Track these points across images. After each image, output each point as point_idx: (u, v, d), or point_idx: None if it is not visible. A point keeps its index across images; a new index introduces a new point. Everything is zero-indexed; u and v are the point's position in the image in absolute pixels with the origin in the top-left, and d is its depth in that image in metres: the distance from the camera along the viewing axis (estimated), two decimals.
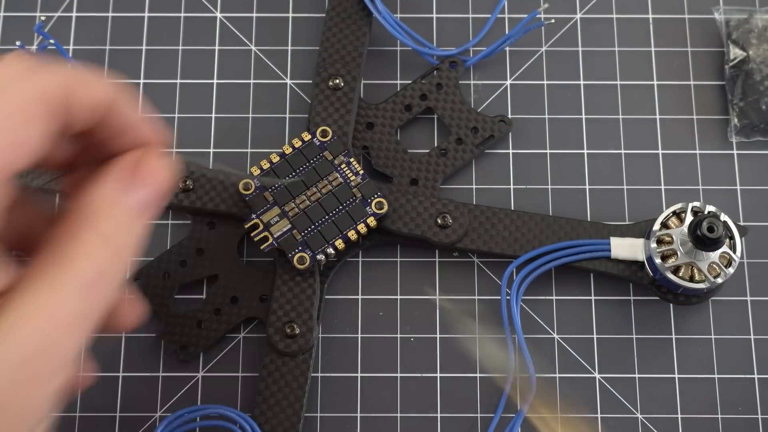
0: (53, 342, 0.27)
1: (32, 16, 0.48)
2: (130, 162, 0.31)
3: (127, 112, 0.32)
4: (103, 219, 0.30)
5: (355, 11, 0.46)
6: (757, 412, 0.42)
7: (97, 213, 0.30)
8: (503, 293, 0.42)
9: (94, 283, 0.28)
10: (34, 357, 0.27)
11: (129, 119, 0.32)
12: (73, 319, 0.28)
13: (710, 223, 0.39)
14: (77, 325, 0.28)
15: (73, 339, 0.28)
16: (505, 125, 0.46)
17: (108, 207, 0.30)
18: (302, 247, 0.41)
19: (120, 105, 0.31)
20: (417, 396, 0.42)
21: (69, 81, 0.29)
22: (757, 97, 0.46)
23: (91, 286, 0.28)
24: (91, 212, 0.30)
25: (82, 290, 0.28)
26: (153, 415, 0.42)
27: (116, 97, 0.31)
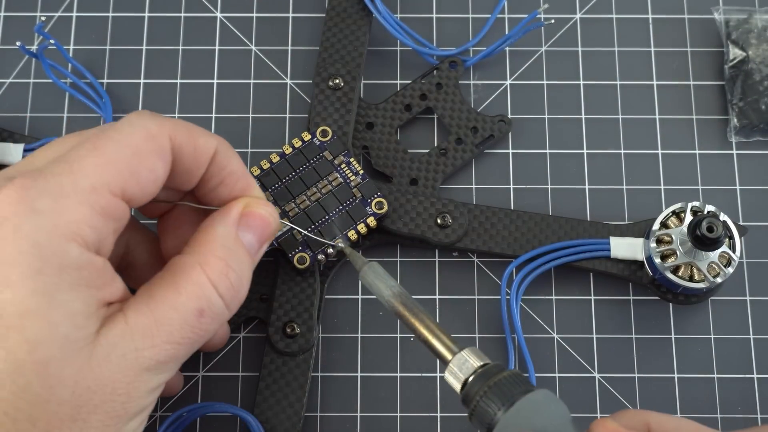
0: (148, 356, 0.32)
1: (32, 16, 0.48)
2: (238, 207, 0.35)
3: (230, 162, 0.36)
4: (215, 259, 0.33)
5: (355, 11, 0.46)
6: (756, 411, 0.42)
7: (209, 247, 0.34)
8: (503, 293, 0.42)
9: (198, 314, 0.33)
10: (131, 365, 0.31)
11: (232, 169, 0.36)
12: (171, 342, 0.32)
13: (709, 223, 0.39)
14: (175, 347, 0.32)
15: (169, 357, 0.32)
16: (505, 125, 0.46)
17: (226, 242, 0.34)
18: (302, 247, 0.41)
19: (223, 155, 0.35)
20: (417, 396, 0.43)
21: (176, 127, 0.34)
22: (756, 97, 0.46)
23: (195, 317, 0.33)
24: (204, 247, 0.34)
25: (184, 319, 0.32)
26: (153, 414, 0.42)
27: (220, 143, 0.35)
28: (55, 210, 0.30)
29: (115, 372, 0.31)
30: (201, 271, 0.33)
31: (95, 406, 0.30)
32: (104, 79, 0.47)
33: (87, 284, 0.30)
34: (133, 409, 0.32)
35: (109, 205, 0.31)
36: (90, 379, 0.30)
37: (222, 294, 0.33)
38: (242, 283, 0.34)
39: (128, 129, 0.33)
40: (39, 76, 0.47)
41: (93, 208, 0.31)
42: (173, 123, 0.34)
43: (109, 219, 0.31)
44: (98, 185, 0.31)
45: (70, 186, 0.31)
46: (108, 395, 0.31)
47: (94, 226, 0.31)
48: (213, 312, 0.33)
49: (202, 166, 0.35)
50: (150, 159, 0.33)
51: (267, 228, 0.36)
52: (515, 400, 0.31)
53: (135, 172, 0.32)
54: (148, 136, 0.33)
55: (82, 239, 0.30)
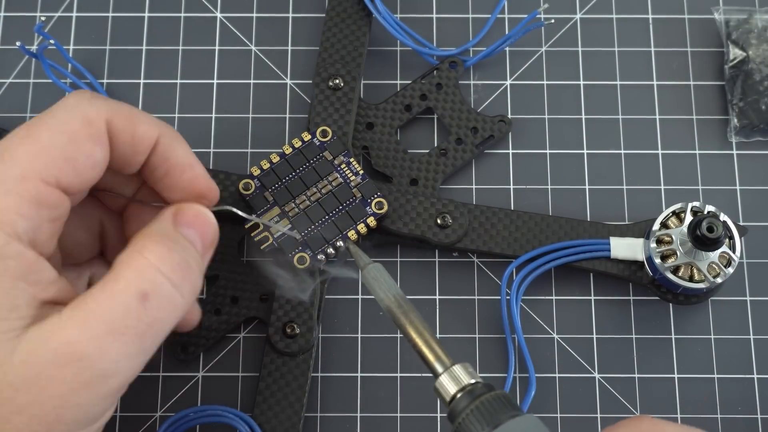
0: (95, 348, 0.29)
1: (32, 16, 0.48)
2: (172, 207, 0.34)
3: (174, 152, 0.34)
4: (153, 243, 0.32)
5: (355, 11, 0.46)
6: (756, 411, 0.42)
7: (149, 239, 0.32)
8: (503, 293, 0.42)
9: (140, 298, 0.30)
10: (73, 359, 0.28)
11: (176, 160, 0.34)
12: (112, 332, 0.29)
13: (710, 223, 0.39)
14: (119, 338, 0.29)
15: (120, 347, 0.29)
16: (505, 125, 0.46)
17: (157, 232, 0.32)
18: (302, 247, 0.41)
19: (166, 145, 0.34)
20: (417, 396, 0.43)
21: (112, 111, 0.32)
22: (756, 97, 0.46)
23: (136, 302, 0.30)
24: (143, 238, 0.32)
25: (124, 305, 0.30)
26: (153, 414, 0.42)
27: (162, 133, 0.34)
28: None
29: (44, 370, 0.28)
30: (140, 256, 0.31)
31: (20, 406, 0.28)
32: (104, 79, 0.47)
33: (13, 275, 0.29)
34: (72, 416, 0.29)
35: (40, 193, 0.30)
36: (12, 375, 0.28)
37: (167, 274, 0.31)
38: (190, 267, 0.32)
39: (63, 114, 0.31)
40: (39, 76, 0.47)
41: (22, 197, 0.30)
42: (112, 106, 0.33)
43: (42, 207, 0.30)
44: (29, 173, 0.30)
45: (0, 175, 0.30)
46: (35, 396, 0.28)
47: (24, 214, 0.30)
48: (159, 294, 0.31)
49: (141, 154, 0.34)
50: (86, 145, 0.31)
51: (205, 225, 0.34)
52: (499, 423, 0.31)
53: (70, 159, 0.31)
54: (84, 121, 0.31)
55: (10, 228, 0.29)
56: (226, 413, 0.40)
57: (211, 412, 0.40)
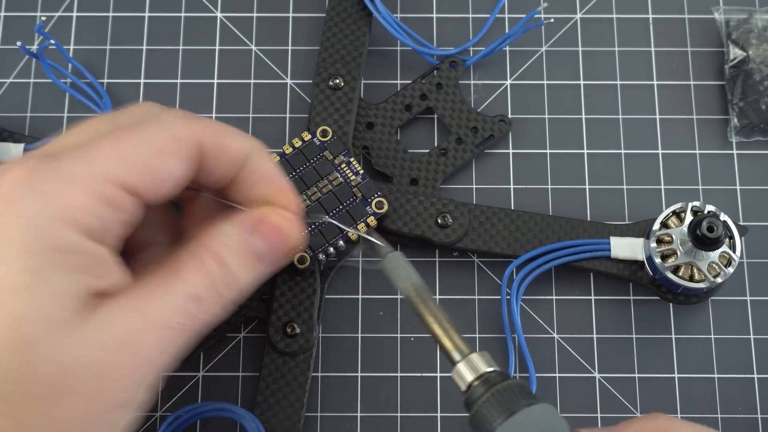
0: (139, 340, 0.30)
1: (32, 16, 0.48)
2: (257, 213, 0.35)
3: (262, 166, 0.35)
4: (221, 248, 0.33)
5: (355, 11, 0.46)
6: (756, 411, 0.42)
7: (217, 242, 0.33)
8: (503, 293, 0.42)
9: (195, 300, 0.32)
10: (126, 345, 0.30)
11: (264, 173, 0.35)
12: (164, 325, 0.31)
13: (710, 223, 0.39)
14: (168, 332, 0.31)
15: (162, 343, 0.31)
16: (505, 125, 0.46)
17: (229, 240, 0.33)
18: (302, 246, 0.41)
19: (256, 160, 0.35)
20: (417, 396, 0.43)
21: (205, 130, 0.33)
22: (756, 97, 0.46)
23: (191, 302, 0.32)
24: (213, 240, 0.33)
25: (179, 303, 0.32)
26: (153, 414, 0.42)
27: (252, 151, 0.35)
28: (58, 194, 0.30)
29: (102, 354, 0.30)
30: (201, 262, 0.32)
31: (73, 388, 0.29)
32: (104, 79, 0.47)
33: (80, 269, 0.30)
34: (115, 398, 0.30)
35: (114, 196, 0.31)
36: (71, 359, 0.29)
37: (219, 288, 0.33)
38: (237, 282, 0.33)
39: (155, 128, 0.32)
40: (39, 76, 0.47)
41: (98, 198, 0.31)
42: (203, 125, 0.34)
43: (116, 210, 0.31)
44: (109, 177, 0.31)
45: (80, 173, 0.31)
46: (89, 378, 0.30)
47: (97, 215, 0.31)
48: (209, 302, 0.32)
49: (233, 169, 0.35)
50: (170, 162, 0.32)
51: (281, 238, 0.35)
52: (515, 411, 0.31)
53: (152, 172, 0.32)
54: (172, 138, 0.32)
55: (83, 225, 0.30)
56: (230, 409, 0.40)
57: (217, 407, 0.40)
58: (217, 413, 0.41)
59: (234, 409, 0.40)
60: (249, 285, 0.34)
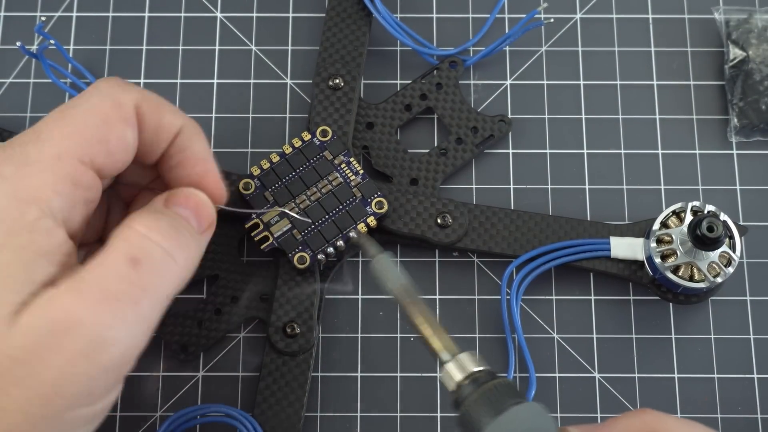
0: (90, 314, 0.29)
1: (32, 16, 0.48)
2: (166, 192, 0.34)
3: (192, 144, 0.35)
4: (142, 216, 0.32)
5: (355, 11, 0.46)
6: (756, 411, 0.42)
7: (137, 214, 0.32)
8: (503, 293, 0.42)
9: (133, 263, 0.30)
10: (68, 327, 0.28)
11: (193, 152, 0.35)
12: (106, 298, 0.29)
13: (710, 223, 0.39)
14: (114, 305, 0.29)
15: (116, 313, 0.29)
16: (505, 125, 0.46)
17: (147, 210, 0.33)
18: (302, 246, 0.41)
19: (186, 136, 0.34)
20: (417, 396, 0.43)
21: (141, 97, 0.33)
22: (756, 97, 0.46)
23: (129, 266, 0.30)
24: (133, 215, 0.32)
25: (117, 270, 0.30)
26: (153, 414, 0.42)
27: (187, 126, 0.34)
28: (17, 176, 0.30)
29: (42, 340, 0.28)
30: (128, 226, 0.31)
31: (18, 378, 0.28)
32: None
33: (37, 252, 0.29)
34: (68, 390, 0.29)
35: (75, 172, 0.31)
36: (12, 347, 0.28)
37: (156, 240, 0.31)
38: (182, 234, 0.32)
39: (95, 98, 0.32)
40: (39, 76, 0.47)
41: (57, 175, 0.30)
42: (141, 93, 0.33)
43: (77, 187, 0.31)
44: (64, 153, 0.31)
45: (36, 154, 0.30)
46: (33, 367, 0.28)
47: (59, 192, 0.30)
48: (151, 259, 0.31)
49: (164, 142, 0.34)
50: (118, 127, 0.32)
51: (198, 203, 0.34)
52: (503, 410, 0.31)
53: (103, 140, 0.32)
54: (115, 104, 0.32)
55: (45, 205, 0.30)
56: (229, 412, 0.40)
57: (214, 410, 0.40)
58: (215, 418, 0.40)
59: (232, 413, 0.40)
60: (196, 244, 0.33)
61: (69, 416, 0.29)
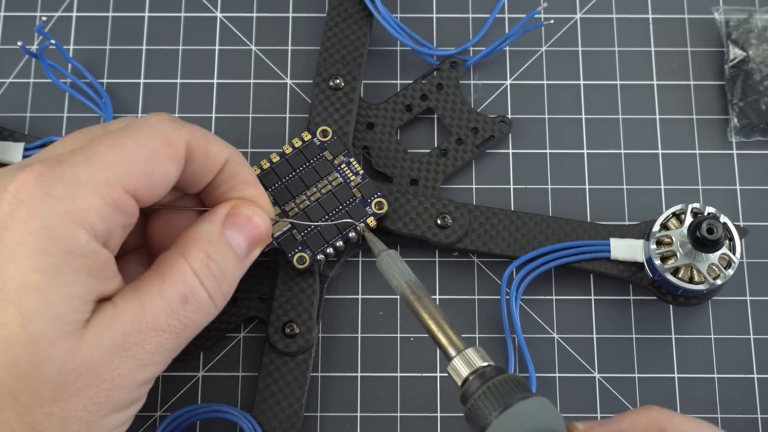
0: (135, 344, 0.32)
1: (32, 16, 0.48)
2: (227, 206, 0.36)
3: (240, 172, 0.37)
4: (204, 244, 0.34)
5: (355, 11, 0.46)
6: (756, 411, 0.42)
7: (199, 239, 0.35)
8: (503, 293, 0.42)
9: (183, 301, 0.33)
10: (124, 348, 0.32)
11: (241, 178, 0.37)
12: (157, 329, 0.33)
13: (710, 225, 0.39)
14: (161, 335, 0.33)
15: (156, 345, 0.33)
16: (505, 125, 0.46)
17: (209, 236, 0.35)
18: (302, 246, 0.41)
19: (234, 164, 0.37)
20: (417, 396, 0.43)
21: (191, 134, 0.35)
22: (756, 97, 0.46)
23: (180, 303, 0.33)
24: (194, 239, 0.35)
25: (169, 306, 0.33)
26: (153, 414, 0.42)
27: (232, 154, 0.37)
28: (68, 197, 0.31)
29: (104, 357, 0.31)
30: (183, 261, 0.34)
31: (79, 389, 0.31)
32: (104, 79, 0.47)
33: (89, 272, 0.31)
34: (117, 399, 0.32)
35: (120, 199, 0.32)
36: (78, 361, 0.31)
37: (204, 284, 0.34)
38: (225, 277, 0.35)
39: (149, 132, 0.34)
40: (39, 76, 0.47)
41: (105, 200, 0.32)
42: (191, 130, 0.35)
43: (119, 213, 0.33)
44: (113, 179, 0.32)
45: (86, 176, 0.32)
46: (93, 380, 0.31)
47: (104, 217, 0.32)
48: (197, 300, 0.34)
49: (211, 172, 0.36)
50: (165, 163, 0.34)
51: (254, 229, 0.37)
52: (510, 404, 0.31)
53: (149, 173, 0.33)
54: (166, 141, 0.34)
55: (91, 228, 0.31)
56: (228, 410, 0.40)
57: (214, 408, 0.40)
58: (214, 415, 0.41)
59: (231, 411, 0.40)
60: (235, 278, 0.36)
61: (112, 419, 0.33)
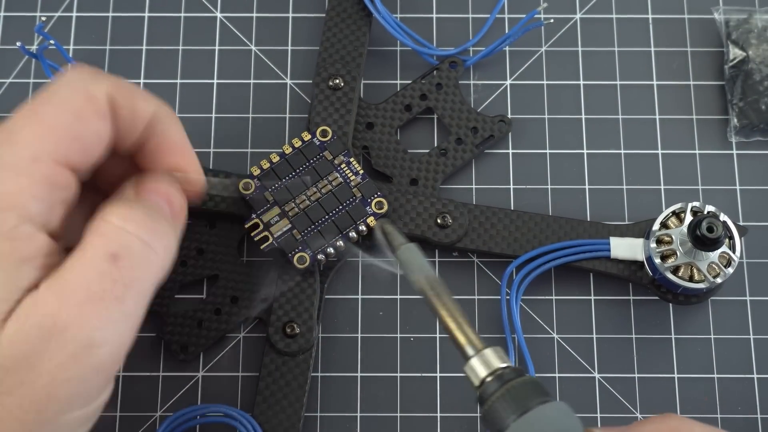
0: (75, 316, 0.28)
1: (32, 16, 0.48)
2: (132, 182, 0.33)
3: (168, 131, 0.33)
4: (115, 207, 0.31)
5: (355, 11, 0.46)
6: (756, 411, 0.42)
7: (108, 205, 0.31)
8: (503, 293, 0.42)
9: (112, 259, 0.29)
10: (55, 331, 0.28)
11: (168, 139, 0.33)
12: (88, 298, 0.28)
13: (709, 223, 0.39)
14: (97, 304, 0.29)
15: (101, 313, 0.29)
16: (505, 125, 0.46)
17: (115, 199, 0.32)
18: (302, 246, 0.41)
19: (162, 122, 0.33)
20: (417, 396, 0.43)
21: (114, 87, 0.31)
22: (756, 97, 0.46)
23: (109, 262, 0.29)
24: (104, 206, 0.31)
25: (96, 268, 0.29)
26: (153, 414, 0.42)
27: (160, 111, 0.33)
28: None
29: (30, 347, 0.28)
30: (103, 219, 0.30)
31: (10, 387, 0.28)
32: None
33: (21, 257, 0.28)
34: (61, 393, 0.28)
35: (53, 174, 0.30)
36: (2, 356, 0.28)
37: (133, 231, 0.30)
38: (158, 222, 0.31)
39: (66, 91, 0.31)
40: (39, 76, 0.47)
41: (34, 178, 0.29)
42: (113, 82, 0.32)
43: (55, 189, 0.30)
44: (40, 154, 0.29)
45: (10, 157, 0.29)
46: (24, 375, 0.28)
47: (37, 196, 0.29)
48: (130, 253, 0.30)
49: (137, 130, 0.33)
50: (92, 121, 0.31)
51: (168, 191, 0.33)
52: (529, 409, 0.30)
53: (78, 137, 0.30)
54: (87, 97, 0.31)
55: (24, 210, 0.29)
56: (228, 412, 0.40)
57: (214, 411, 0.40)
58: (215, 419, 0.40)
59: (231, 413, 0.40)
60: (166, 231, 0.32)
61: (64, 419, 0.29)
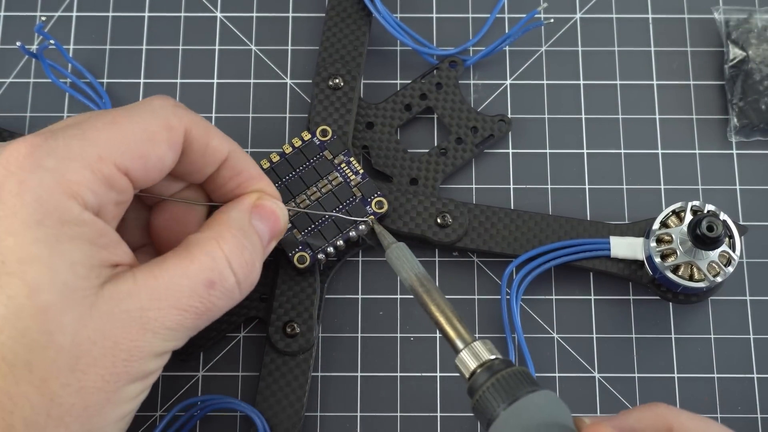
0: (153, 318, 0.32)
1: (32, 16, 0.48)
2: (253, 197, 0.37)
3: (245, 167, 0.37)
4: (230, 236, 0.34)
5: (355, 11, 0.46)
6: (756, 411, 0.42)
7: (226, 229, 0.34)
8: (503, 293, 0.42)
9: (208, 285, 0.33)
10: (141, 323, 0.32)
11: (247, 173, 0.37)
12: (177, 307, 0.32)
13: (709, 222, 0.39)
14: (180, 314, 0.32)
15: (180, 321, 0.32)
16: (505, 125, 0.46)
17: (241, 224, 0.35)
18: (302, 246, 0.41)
19: (236, 160, 0.37)
20: (417, 395, 0.43)
21: (191, 122, 0.35)
22: (756, 97, 0.46)
23: (205, 287, 0.33)
24: (221, 226, 0.34)
25: (193, 287, 0.33)
26: (153, 414, 0.42)
27: (233, 149, 0.36)
28: (59, 169, 0.31)
29: (118, 327, 0.31)
30: (216, 245, 0.34)
31: (95, 358, 0.31)
32: (104, 79, 0.47)
33: (88, 240, 0.31)
34: (135, 370, 0.32)
35: (112, 175, 0.32)
36: (90, 329, 0.30)
37: (235, 270, 0.34)
38: (255, 266, 0.35)
39: (149, 114, 0.34)
40: (39, 76, 0.47)
41: (95, 175, 0.32)
42: (192, 118, 0.35)
43: (111, 189, 0.32)
44: (105, 156, 0.32)
45: (78, 150, 0.32)
46: (109, 349, 0.31)
47: (95, 191, 0.32)
48: (223, 286, 0.33)
49: (211, 165, 0.36)
50: (161, 147, 0.34)
51: (276, 222, 0.37)
52: (518, 397, 0.31)
53: (144, 156, 0.33)
54: (165, 126, 0.34)
55: (82, 199, 0.31)
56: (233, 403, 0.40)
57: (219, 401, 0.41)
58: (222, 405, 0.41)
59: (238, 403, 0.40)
60: (259, 267, 0.35)
61: (130, 389, 0.32)
